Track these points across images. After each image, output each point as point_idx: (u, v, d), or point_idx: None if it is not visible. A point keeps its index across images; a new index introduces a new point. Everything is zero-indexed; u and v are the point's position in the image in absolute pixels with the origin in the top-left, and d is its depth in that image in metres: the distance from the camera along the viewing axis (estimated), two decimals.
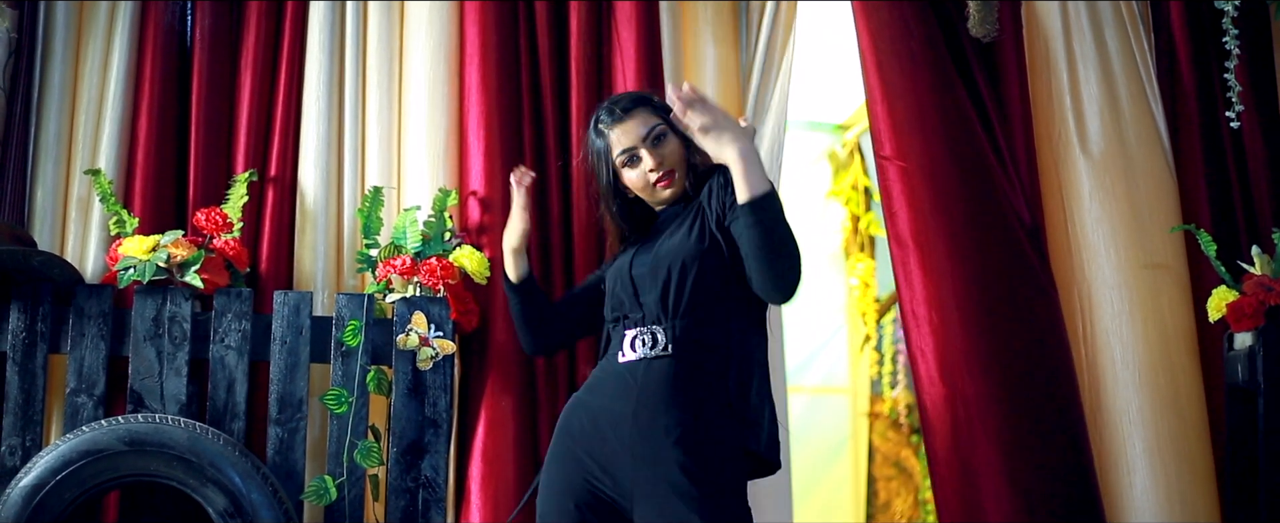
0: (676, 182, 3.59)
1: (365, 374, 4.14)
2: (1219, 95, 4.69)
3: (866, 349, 7.82)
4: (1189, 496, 4.38)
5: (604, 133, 3.64)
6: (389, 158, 4.52)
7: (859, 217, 7.69)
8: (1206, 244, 4.43)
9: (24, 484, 3.88)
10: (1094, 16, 4.72)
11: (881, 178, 4.52)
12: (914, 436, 7.82)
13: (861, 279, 7.72)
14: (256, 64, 4.55)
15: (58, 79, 4.47)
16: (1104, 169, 4.58)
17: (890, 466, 7.84)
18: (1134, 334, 4.48)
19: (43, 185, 4.41)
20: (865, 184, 7.69)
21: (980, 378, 4.32)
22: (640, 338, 3.46)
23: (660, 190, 3.59)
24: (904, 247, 4.46)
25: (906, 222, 4.45)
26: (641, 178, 3.59)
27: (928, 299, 4.40)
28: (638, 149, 3.59)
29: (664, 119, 3.62)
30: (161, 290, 4.15)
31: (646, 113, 3.63)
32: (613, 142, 3.62)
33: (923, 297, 4.41)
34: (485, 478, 4.21)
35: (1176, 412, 4.44)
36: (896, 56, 4.52)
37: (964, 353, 4.34)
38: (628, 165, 3.61)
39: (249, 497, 3.93)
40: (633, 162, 3.60)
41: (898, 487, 7.83)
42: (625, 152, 3.60)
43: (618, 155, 3.61)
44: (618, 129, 3.62)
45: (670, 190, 3.59)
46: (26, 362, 4.09)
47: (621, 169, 3.62)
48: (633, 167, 3.60)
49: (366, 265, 4.29)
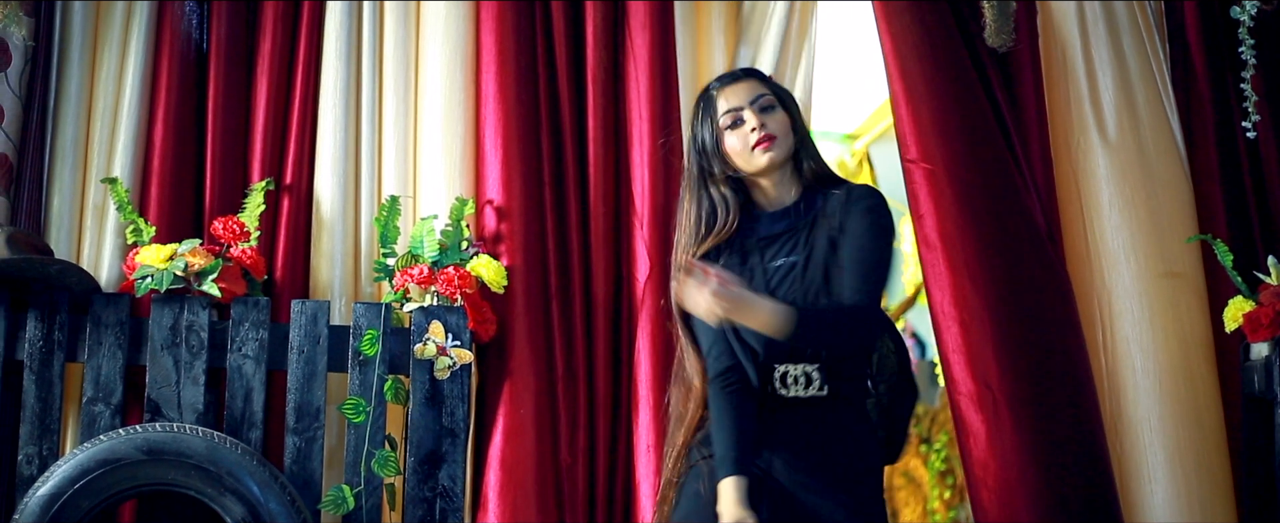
0: (777, 148, 3.51)
1: (383, 383, 4.13)
2: (1235, 104, 4.67)
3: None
4: (1208, 505, 4.37)
5: (712, 96, 3.60)
6: (405, 166, 4.51)
7: None
8: (1223, 254, 4.42)
9: (41, 493, 3.87)
10: (1111, 23, 4.71)
11: (908, 181, 4.52)
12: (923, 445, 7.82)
13: None
14: (272, 71, 4.54)
15: (74, 86, 4.47)
16: (1123, 177, 4.58)
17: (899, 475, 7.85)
18: (1154, 343, 4.47)
19: (59, 192, 4.40)
20: None
21: (1010, 377, 4.32)
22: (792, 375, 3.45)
23: (759, 155, 3.51)
24: (932, 249, 4.45)
25: (933, 224, 4.45)
26: (742, 141, 3.53)
27: (955, 300, 4.39)
28: (743, 110, 3.54)
29: (775, 93, 3.59)
30: (179, 299, 4.14)
31: (757, 83, 3.61)
32: (719, 103, 3.57)
33: (951, 297, 4.40)
34: (504, 486, 4.19)
35: (1196, 421, 4.43)
36: (919, 61, 4.51)
37: (994, 352, 4.33)
38: (731, 128, 3.55)
39: (267, 506, 3.92)
40: (737, 125, 3.54)
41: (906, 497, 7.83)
42: (731, 111, 3.55)
43: (722, 114, 3.56)
44: (727, 91, 3.59)
45: (769, 155, 3.51)
46: (44, 370, 4.09)
47: (723, 133, 3.56)
48: (736, 130, 3.54)
49: (384, 274, 4.28)
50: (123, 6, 4.52)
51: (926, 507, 7.76)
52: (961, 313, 4.40)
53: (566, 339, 4.39)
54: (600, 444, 4.36)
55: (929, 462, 7.77)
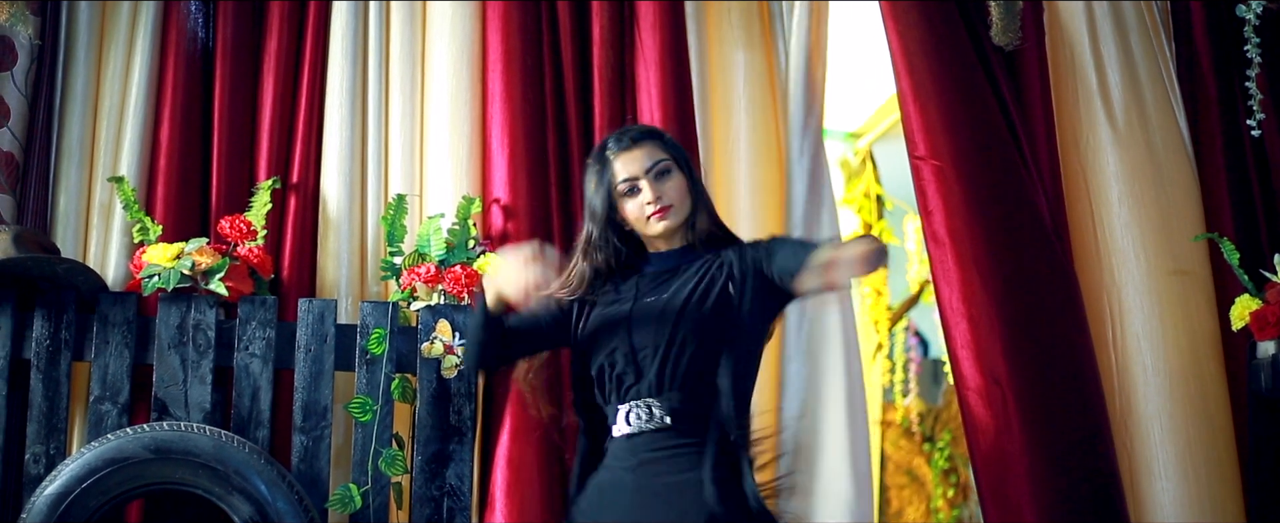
0: (673, 216, 3.50)
1: (390, 382, 4.13)
2: (1241, 103, 4.68)
3: (878, 357, 7.81)
4: (1218, 503, 4.38)
5: (608, 160, 3.55)
6: (412, 165, 4.51)
7: (871, 225, 7.68)
8: (1229, 253, 4.43)
9: (49, 492, 3.87)
10: (1119, 21, 4.72)
11: (916, 178, 4.52)
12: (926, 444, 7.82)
13: (874, 287, 7.71)
14: (278, 70, 4.54)
15: (80, 85, 4.47)
16: (1132, 175, 4.58)
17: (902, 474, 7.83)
18: (1164, 340, 4.47)
19: (66, 191, 4.40)
20: (877, 192, 7.68)
21: (1018, 372, 4.32)
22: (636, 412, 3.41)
23: (655, 222, 3.49)
24: (940, 245, 4.46)
25: (941, 220, 4.45)
26: (639, 209, 3.50)
27: (964, 295, 4.40)
28: (639, 180, 3.50)
29: (671, 156, 3.55)
30: (186, 298, 4.14)
31: (654, 146, 3.54)
32: (616, 170, 3.53)
33: (960, 293, 4.41)
34: (511, 485, 4.19)
35: (1206, 418, 4.44)
36: (926, 58, 4.52)
37: (1002, 347, 4.34)
38: (627, 195, 3.51)
39: (275, 505, 3.92)
40: (632, 192, 3.51)
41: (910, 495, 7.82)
42: (627, 180, 3.51)
43: (619, 183, 3.52)
44: (623, 157, 3.53)
45: (665, 223, 3.49)
46: (51, 369, 4.09)
47: (620, 199, 3.53)
48: (632, 197, 3.51)
49: (391, 273, 4.28)
50: (129, 5, 4.53)
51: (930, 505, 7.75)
52: (970, 309, 4.40)
53: None
54: None
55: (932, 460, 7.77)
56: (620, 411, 3.41)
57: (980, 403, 4.37)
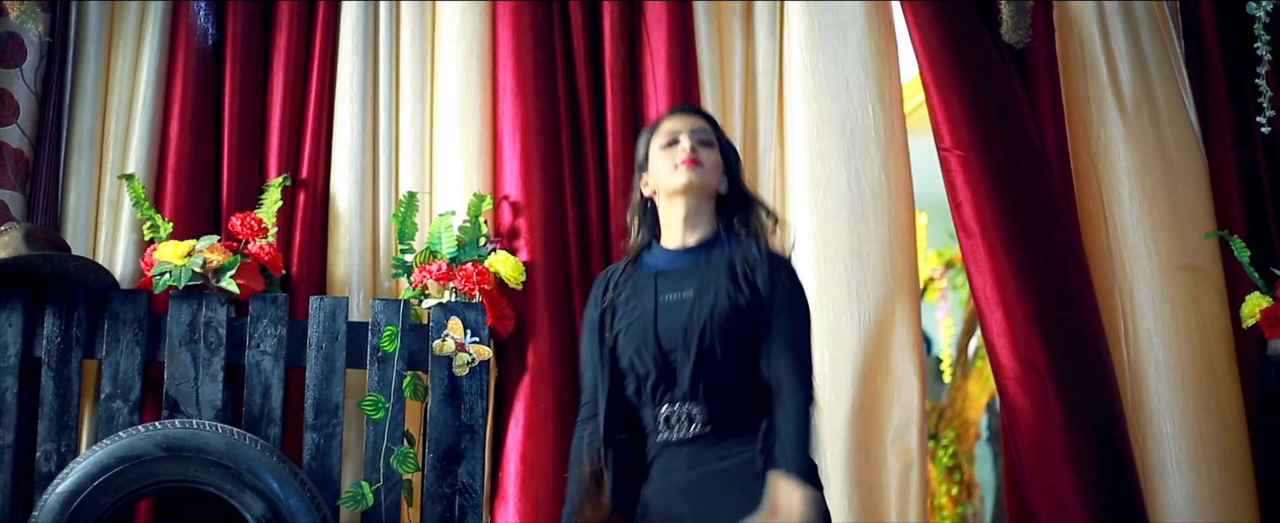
0: (700, 173, 3.49)
1: (402, 380, 4.12)
2: (1250, 100, 4.68)
3: None
4: (1231, 499, 4.38)
5: (660, 122, 3.63)
6: (422, 162, 4.51)
7: None
8: (1240, 250, 4.43)
9: (61, 490, 3.86)
10: (1129, 18, 4.72)
11: (944, 170, 4.54)
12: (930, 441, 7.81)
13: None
14: (288, 67, 4.54)
15: (90, 82, 4.46)
16: (1144, 171, 4.59)
17: None
18: (1175, 337, 4.48)
19: (76, 188, 4.40)
20: None
21: (1055, 360, 4.34)
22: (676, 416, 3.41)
23: (682, 170, 3.49)
24: (971, 235, 4.47)
25: (971, 210, 4.47)
26: (671, 158, 3.52)
27: (997, 284, 4.42)
28: (682, 133, 3.54)
29: (717, 139, 3.59)
30: (197, 296, 4.13)
31: (705, 123, 3.61)
32: (662, 128, 3.59)
33: (993, 282, 4.42)
34: (525, 480, 4.19)
35: (1218, 415, 4.44)
36: (947, 52, 4.54)
37: (1038, 336, 4.35)
38: (665, 147, 3.55)
39: (287, 503, 3.91)
40: (670, 144, 3.54)
41: None
42: (669, 133, 3.56)
43: (660, 136, 3.57)
44: (674, 117, 3.62)
45: (691, 173, 3.48)
46: (62, 367, 4.08)
47: (655, 152, 3.57)
48: (668, 150, 3.54)
49: (402, 271, 4.28)
50: (138, 3, 4.52)
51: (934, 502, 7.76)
52: (1004, 297, 4.42)
53: None
54: None
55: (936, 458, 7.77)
56: (660, 415, 3.40)
57: (1020, 391, 4.37)
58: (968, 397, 7.80)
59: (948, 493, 7.74)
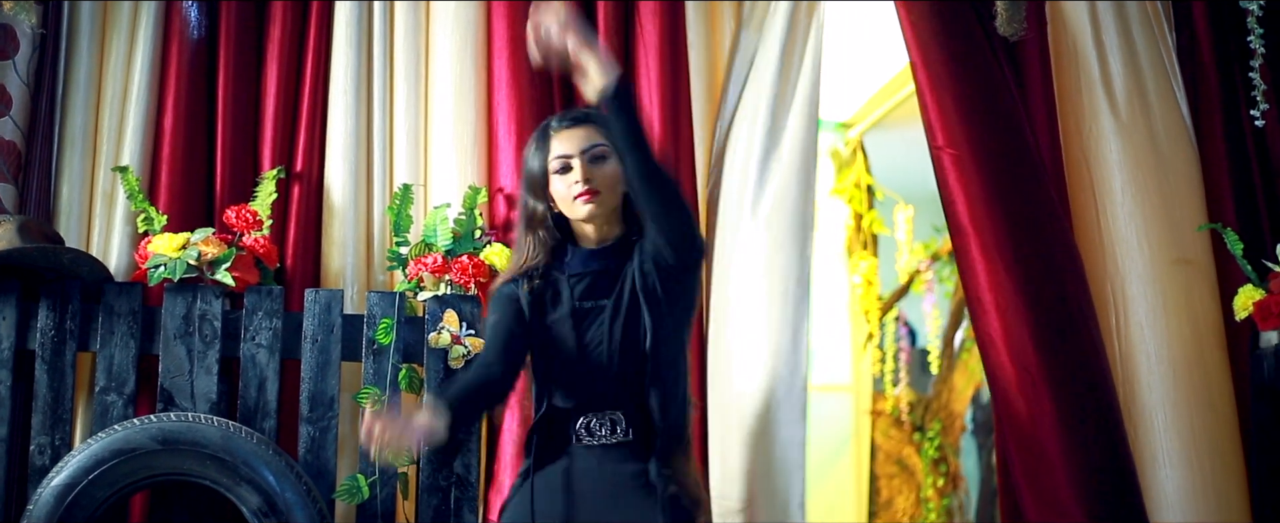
0: (600, 202, 3.48)
1: (397, 372, 4.12)
2: (1242, 94, 4.68)
3: (869, 347, 7.83)
4: (1223, 492, 4.37)
5: (549, 135, 3.58)
6: (417, 154, 4.49)
7: (862, 215, 7.69)
8: (1233, 243, 4.44)
9: (56, 483, 3.86)
10: (1120, 13, 4.72)
11: (936, 168, 4.52)
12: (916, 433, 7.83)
13: (864, 277, 7.72)
14: (282, 58, 4.52)
15: (83, 73, 4.44)
16: (1136, 165, 4.58)
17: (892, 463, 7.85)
18: (1167, 329, 4.47)
19: (68, 180, 4.38)
20: (868, 182, 7.70)
21: (1047, 360, 4.32)
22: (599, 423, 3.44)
23: (580, 205, 3.48)
24: (964, 234, 4.45)
25: (964, 209, 4.45)
26: (567, 188, 3.50)
27: (991, 284, 4.39)
28: (573, 158, 3.50)
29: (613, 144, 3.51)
30: (192, 288, 4.13)
31: (595, 130, 3.54)
32: (552, 146, 3.54)
33: (986, 282, 4.40)
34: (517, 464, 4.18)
35: (1209, 408, 4.43)
36: (940, 49, 4.51)
37: (1031, 336, 4.34)
38: (559, 173, 3.52)
39: (283, 496, 3.90)
40: (564, 170, 3.52)
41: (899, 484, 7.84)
42: (561, 158, 3.52)
43: (553, 159, 3.53)
44: (563, 134, 3.55)
45: (589, 208, 3.48)
46: (56, 360, 4.07)
47: (552, 175, 3.54)
48: (563, 175, 3.52)
49: (397, 263, 4.27)
50: None
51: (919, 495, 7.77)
52: (998, 297, 4.39)
53: None
54: None
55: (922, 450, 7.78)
56: (579, 420, 3.44)
57: (1015, 393, 4.36)
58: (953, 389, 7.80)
59: (934, 486, 7.74)
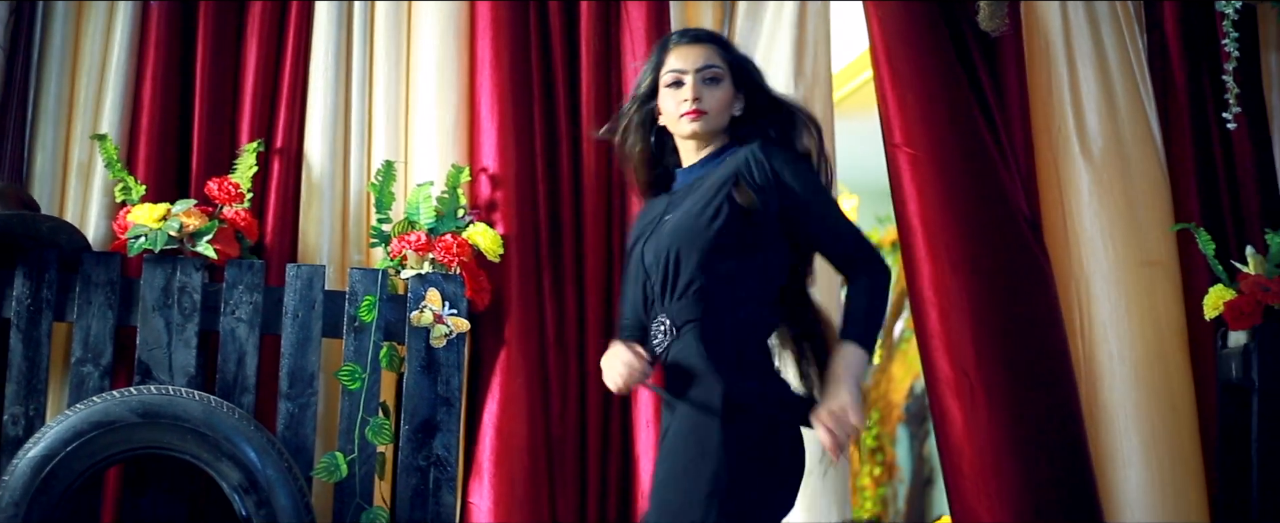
0: (705, 121, 3.43)
1: (378, 350, 4.09)
2: (1209, 96, 4.74)
3: None
4: (1181, 490, 4.44)
5: (667, 48, 3.52)
6: (397, 132, 4.46)
7: None
8: (1205, 243, 4.49)
9: (33, 455, 3.80)
10: (1091, 15, 4.76)
11: (891, 166, 4.54)
12: None
13: None
14: (263, 31, 4.47)
15: (59, 39, 4.39)
16: (1102, 166, 4.63)
17: None
18: (1130, 330, 4.53)
19: (42, 149, 4.33)
20: None
21: (987, 364, 4.36)
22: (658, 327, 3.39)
23: (686, 122, 3.43)
24: (913, 233, 4.48)
25: (916, 209, 4.47)
26: (675, 104, 3.45)
27: (935, 286, 4.42)
28: (686, 74, 3.45)
29: (729, 65, 3.50)
30: (171, 260, 4.08)
31: (714, 51, 3.50)
32: (669, 59, 3.49)
33: (932, 282, 4.43)
34: (500, 455, 4.18)
35: (1170, 407, 4.49)
36: (906, 46, 4.53)
37: (972, 338, 4.37)
38: (670, 86, 3.47)
39: (264, 472, 3.86)
40: (676, 85, 3.46)
41: None
42: (675, 72, 3.46)
43: (666, 72, 3.48)
44: (681, 49, 3.50)
45: (694, 126, 3.43)
46: (31, 329, 4.01)
47: (663, 88, 3.48)
48: (674, 90, 3.46)
49: (380, 240, 4.23)
50: None
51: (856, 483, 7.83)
52: (941, 300, 4.43)
53: (558, 310, 4.37)
54: (592, 419, 4.35)
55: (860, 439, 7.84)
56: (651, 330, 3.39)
57: (950, 394, 4.40)
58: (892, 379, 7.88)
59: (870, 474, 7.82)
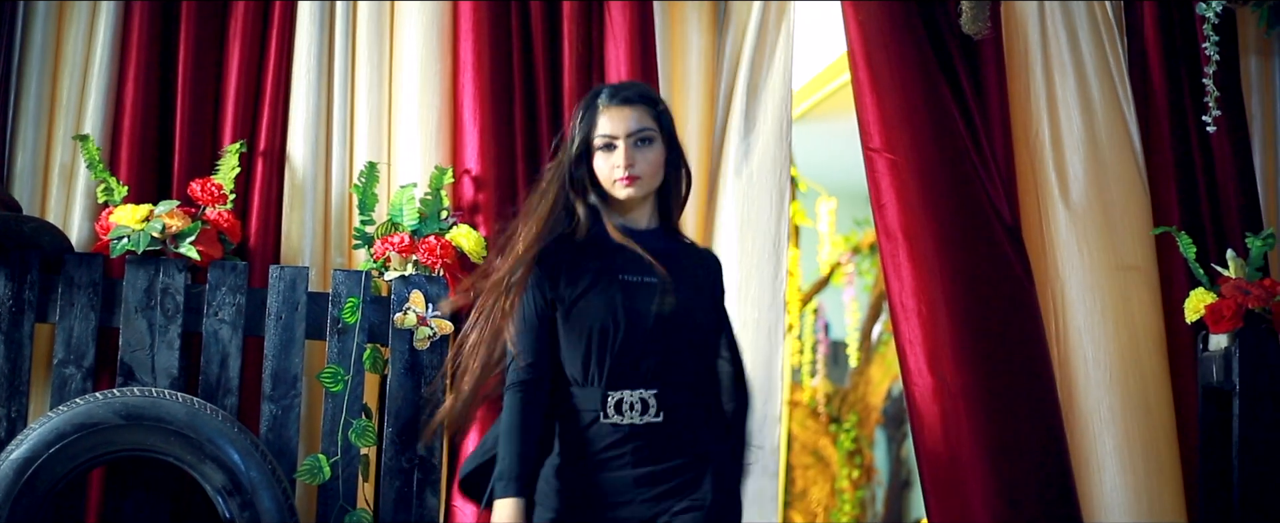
0: (639, 186, 3.46)
1: (361, 352, 4.08)
2: (1188, 100, 4.75)
3: (788, 338, 7.87)
4: (1157, 494, 4.45)
5: (598, 109, 3.52)
6: (380, 133, 4.45)
7: None
8: (1186, 246, 4.50)
9: (15, 457, 3.78)
10: (1069, 20, 4.76)
11: (869, 170, 4.53)
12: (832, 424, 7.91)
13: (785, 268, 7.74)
14: (245, 32, 4.45)
15: (40, 39, 4.36)
16: (1079, 170, 4.64)
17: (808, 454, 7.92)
18: (1105, 334, 4.53)
19: (24, 150, 4.30)
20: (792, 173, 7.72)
21: (966, 371, 4.37)
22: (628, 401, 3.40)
23: (620, 187, 3.46)
24: (893, 239, 4.48)
25: (895, 215, 4.47)
26: (609, 169, 3.47)
27: (916, 291, 4.43)
28: (618, 139, 3.47)
29: (660, 126, 3.52)
30: (154, 261, 4.06)
31: (645, 112, 3.51)
32: (600, 122, 3.50)
33: (911, 289, 4.44)
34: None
35: (1146, 411, 4.50)
36: (886, 50, 4.53)
37: (951, 345, 4.38)
38: (603, 150, 3.48)
39: (248, 475, 3.85)
40: (608, 149, 3.48)
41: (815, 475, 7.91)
42: (606, 136, 3.48)
43: (598, 136, 3.49)
44: (612, 112, 3.49)
45: (630, 190, 3.45)
46: (13, 331, 3.99)
47: (596, 150, 3.49)
48: (606, 153, 3.48)
49: (363, 242, 4.23)
50: None
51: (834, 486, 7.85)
52: (920, 305, 4.44)
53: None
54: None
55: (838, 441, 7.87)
56: (610, 397, 3.38)
57: (928, 400, 4.41)
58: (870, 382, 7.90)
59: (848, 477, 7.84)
